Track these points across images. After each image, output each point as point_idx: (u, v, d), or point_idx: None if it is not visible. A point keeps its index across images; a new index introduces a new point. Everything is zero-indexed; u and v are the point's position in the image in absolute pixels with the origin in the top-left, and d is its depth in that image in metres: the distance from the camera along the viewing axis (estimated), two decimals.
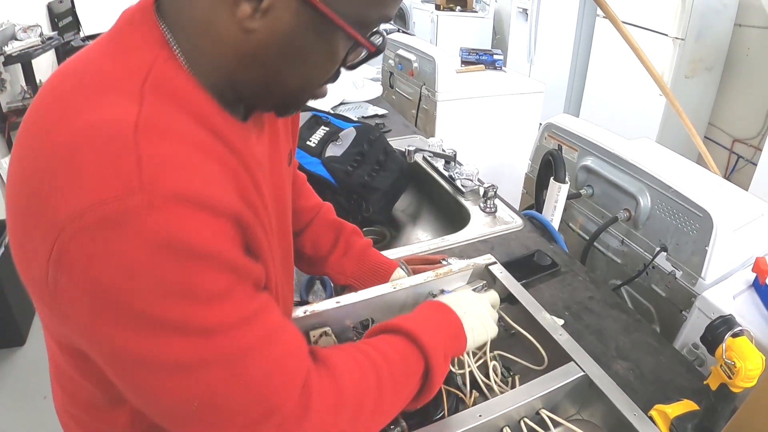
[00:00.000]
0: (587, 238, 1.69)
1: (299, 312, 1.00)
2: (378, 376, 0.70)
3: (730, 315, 0.87)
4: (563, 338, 0.94)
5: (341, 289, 1.15)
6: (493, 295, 1.01)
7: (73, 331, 0.57)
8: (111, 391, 0.63)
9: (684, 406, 0.95)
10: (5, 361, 2.74)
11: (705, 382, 0.89)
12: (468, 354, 0.93)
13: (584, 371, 0.88)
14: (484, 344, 0.94)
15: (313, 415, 0.62)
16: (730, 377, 0.83)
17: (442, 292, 1.05)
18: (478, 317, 0.89)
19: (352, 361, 0.70)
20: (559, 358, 0.93)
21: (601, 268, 1.72)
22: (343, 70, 0.68)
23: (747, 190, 1.58)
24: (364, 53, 0.66)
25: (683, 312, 1.42)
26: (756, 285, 1.27)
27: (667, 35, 3.44)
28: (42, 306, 0.60)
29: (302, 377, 0.62)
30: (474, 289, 1.06)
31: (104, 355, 0.56)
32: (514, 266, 1.30)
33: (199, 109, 0.60)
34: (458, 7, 5.65)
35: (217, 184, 0.56)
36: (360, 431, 0.68)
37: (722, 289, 1.28)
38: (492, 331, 0.91)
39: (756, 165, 3.26)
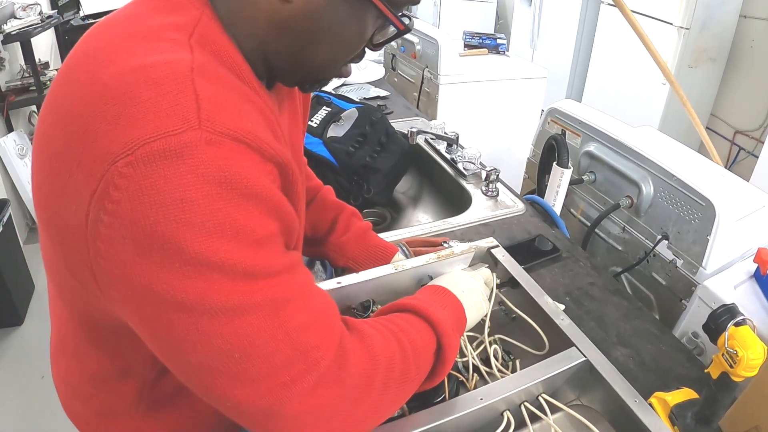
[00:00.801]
0: (589, 224, 1.68)
1: None
2: (402, 347, 0.70)
3: (732, 304, 0.87)
4: (565, 323, 0.94)
5: (341, 271, 1.15)
6: (485, 272, 1.02)
7: (110, 280, 0.54)
8: (123, 361, 0.64)
9: (684, 395, 0.94)
10: (3, 341, 2.74)
11: (706, 371, 0.89)
12: (466, 339, 0.93)
13: (586, 356, 0.88)
14: (482, 322, 0.95)
15: (349, 375, 0.61)
16: (731, 366, 0.83)
17: (430, 278, 1.05)
18: (474, 295, 0.90)
19: (380, 329, 0.70)
20: (560, 343, 0.92)
21: (601, 254, 1.71)
22: (367, 50, 0.69)
23: (748, 182, 1.57)
24: (391, 32, 0.67)
25: (683, 301, 1.41)
26: (757, 275, 1.26)
27: (671, 24, 3.42)
28: (69, 261, 0.58)
29: (339, 335, 0.62)
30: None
31: (141, 301, 0.53)
32: (515, 250, 1.29)
33: (239, 68, 0.61)
34: None
35: (264, 130, 0.57)
36: (390, 398, 0.68)
37: (723, 278, 1.27)
38: (486, 308, 0.93)
39: (757, 157, 3.25)
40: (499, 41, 3.09)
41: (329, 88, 2.40)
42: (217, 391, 0.56)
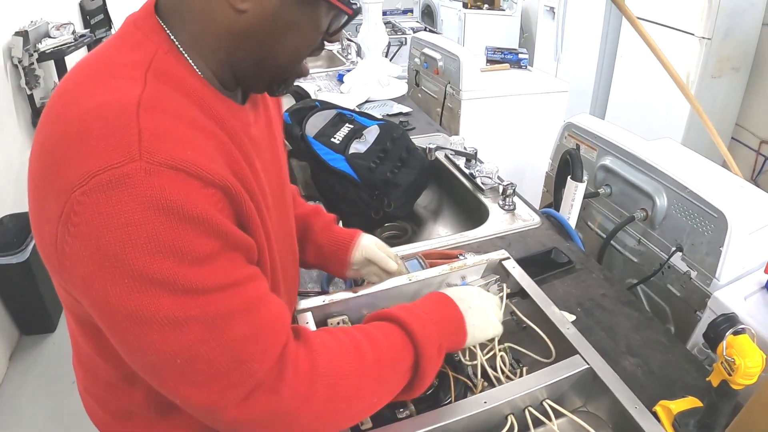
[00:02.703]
0: (605, 237, 1.71)
1: (319, 301, 1.05)
2: (361, 359, 0.73)
3: (732, 313, 0.90)
4: (570, 332, 0.98)
5: (361, 281, 1.20)
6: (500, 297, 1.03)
7: (77, 291, 0.63)
8: (125, 368, 0.69)
9: (688, 403, 0.97)
10: (36, 347, 2.86)
11: (707, 379, 0.92)
12: (477, 346, 0.98)
13: (589, 364, 0.91)
14: (489, 341, 0.96)
15: (286, 387, 0.66)
16: (730, 374, 0.85)
17: (448, 285, 1.10)
18: (483, 314, 0.91)
19: (333, 341, 0.74)
20: (566, 351, 0.96)
21: (618, 266, 1.74)
22: (326, 44, 0.76)
23: None
24: (344, 19, 0.74)
25: (697, 312, 1.43)
26: None
27: (693, 35, 3.41)
28: (54, 274, 0.67)
29: (279, 349, 0.67)
30: (486, 284, 1.10)
31: (100, 311, 0.61)
32: (530, 262, 1.33)
33: (196, 92, 0.68)
34: (486, 5, 5.65)
35: (208, 157, 0.62)
36: (338, 410, 0.71)
37: (734, 289, 1.29)
38: (495, 330, 0.93)
39: None
40: (520, 56, 3.12)
41: (353, 105, 2.46)
42: (168, 389, 0.64)
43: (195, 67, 0.69)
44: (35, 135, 0.67)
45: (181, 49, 0.68)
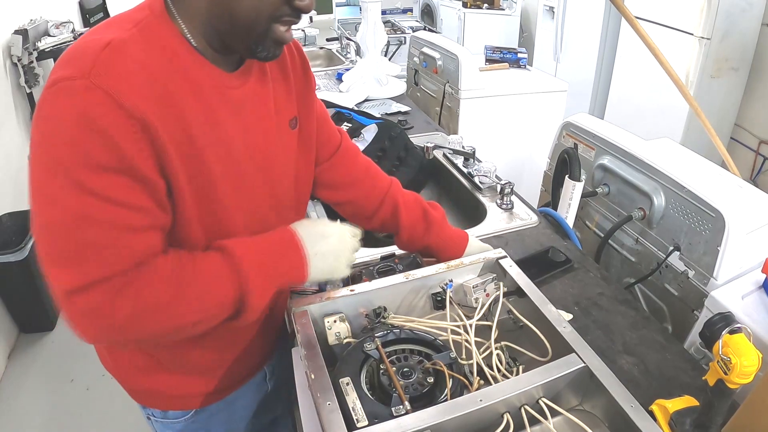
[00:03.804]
0: (603, 236, 1.71)
1: (316, 299, 1.05)
2: (179, 276, 0.83)
3: (729, 312, 0.90)
4: (567, 330, 0.98)
5: (357, 279, 1.20)
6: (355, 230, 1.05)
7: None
8: None
9: (684, 402, 0.97)
10: (35, 345, 2.86)
11: (703, 378, 0.92)
12: (473, 344, 0.98)
13: (585, 363, 0.91)
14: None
15: (104, 298, 0.77)
16: (726, 373, 0.85)
17: (440, 287, 1.11)
18: (332, 259, 0.98)
19: (170, 256, 0.85)
20: (563, 349, 0.96)
21: (615, 266, 1.74)
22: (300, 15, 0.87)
23: None
24: None
25: (695, 311, 1.43)
26: (765, 285, 1.28)
27: (692, 34, 3.41)
28: None
29: (117, 269, 0.78)
30: (483, 283, 1.11)
31: (29, 171, 0.77)
32: (529, 263, 1.33)
33: (171, 47, 0.83)
34: (485, 5, 5.65)
35: (142, 97, 0.77)
36: (150, 309, 0.81)
37: (732, 288, 1.30)
38: (339, 274, 1.00)
39: None
40: (519, 55, 3.12)
41: (351, 104, 2.46)
42: (38, 252, 0.78)
43: (185, 30, 0.85)
44: None
45: (177, 17, 0.84)
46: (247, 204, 0.96)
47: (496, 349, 1.00)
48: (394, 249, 1.38)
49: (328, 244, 0.98)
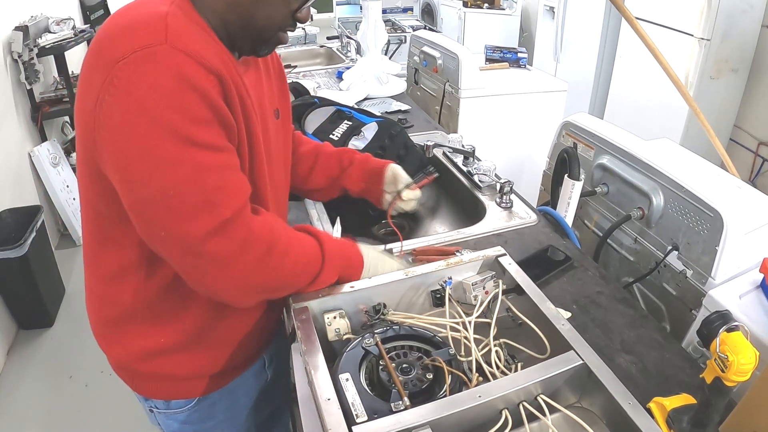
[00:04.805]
0: (601, 235, 1.72)
1: (316, 296, 1.06)
2: (286, 241, 0.98)
3: (726, 311, 0.90)
4: (565, 328, 0.98)
5: None
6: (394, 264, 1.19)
7: (103, 143, 0.83)
8: (119, 255, 0.98)
9: (681, 400, 0.98)
10: (34, 341, 2.87)
11: (701, 376, 0.92)
12: (472, 342, 0.98)
13: (583, 360, 0.92)
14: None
15: (237, 234, 0.88)
16: (723, 371, 0.86)
17: (440, 285, 1.13)
18: (376, 267, 1.15)
19: (278, 222, 1.00)
20: (561, 347, 0.96)
21: (614, 265, 1.74)
22: (301, 26, 1.02)
23: None
24: (309, 2, 0.96)
25: (693, 311, 1.44)
26: (763, 285, 1.29)
27: (692, 35, 3.42)
28: (86, 140, 0.87)
29: (239, 204, 0.89)
30: (482, 280, 1.11)
31: (117, 152, 0.82)
32: (530, 264, 1.33)
33: (205, 27, 0.90)
34: (486, 4, 5.66)
35: (213, 55, 0.85)
36: (263, 272, 0.94)
37: (729, 288, 1.30)
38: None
39: None
40: (519, 55, 3.13)
41: (351, 102, 2.47)
42: (154, 223, 0.85)
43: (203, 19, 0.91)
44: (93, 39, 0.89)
45: (194, 5, 0.91)
46: (270, 176, 1.07)
47: (494, 346, 1.01)
48: (392, 247, 1.39)
49: (382, 262, 1.16)
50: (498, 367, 0.97)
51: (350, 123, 1.92)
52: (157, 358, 1.06)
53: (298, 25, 1.01)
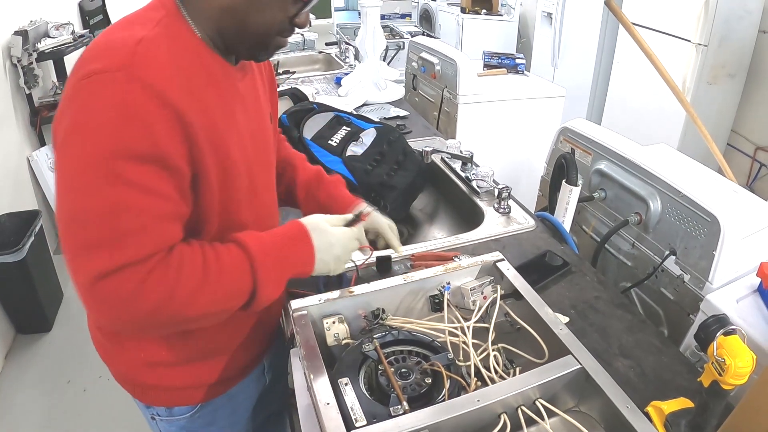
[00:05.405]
0: (599, 240, 1.72)
1: (315, 300, 1.06)
2: (205, 265, 0.88)
3: (723, 314, 0.91)
4: (563, 332, 0.99)
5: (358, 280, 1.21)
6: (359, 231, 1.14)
7: (55, 149, 0.83)
8: None
9: (679, 403, 0.98)
10: (32, 346, 2.87)
11: (698, 379, 0.93)
12: (470, 346, 0.99)
13: (581, 364, 0.92)
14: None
15: (134, 282, 0.81)
16: (720, 374, 0.86)
17: (438, 290, 1.12)
18: (333, 256, 1.06)
19: (195, 247, 0.90)
20: (559, 351, 0.97)
21: (612, 270, 1.75)
22: (298, 31, 1.01)
23: None
24: (307, 7, 0.95)
25: (691, 315, 1.44)
26: (760, 289, 1.29)
27: (689, 41, 3.43)
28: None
29: (144, 254, 0.82)
30: (480, 285, 1.12)
31: (56, 162, 0.82)
32: (527, 269, 1.34)
33: (192, 44, 0.90)
34: (483, 11, 5.68)
35: (174, 88, 0.83)
36: (183, 293, 0.85)
37: (727, 292, 1.31)
38: (338, 270, 1.09)
39: None
40: (517, 61, 3.14)
41: (350, 108, 2.47)
42: (64, 246, 0.81)
43: (195, 30, 0.91)
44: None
45: (186, 16, 0.91)
46: (253, 191, 1.04)
47: (493, 350, 1.01)
48: (390, 252, 1.39)
49: (335, 244, 1.06)
50: (496, 372, 0.97)
51: (349, 129, 1.92)
52: (158, 368, 1.07)
53: (297, 30, 1.01)
